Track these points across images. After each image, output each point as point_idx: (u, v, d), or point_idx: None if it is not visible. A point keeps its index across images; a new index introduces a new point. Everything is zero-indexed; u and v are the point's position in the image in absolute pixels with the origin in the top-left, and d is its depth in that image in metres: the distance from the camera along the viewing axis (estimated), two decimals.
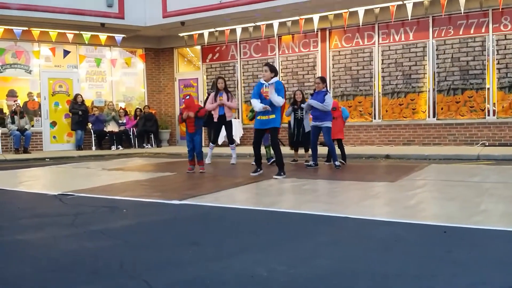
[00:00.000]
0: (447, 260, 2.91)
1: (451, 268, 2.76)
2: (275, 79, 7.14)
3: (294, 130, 9.03)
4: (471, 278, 2.61)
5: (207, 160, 9.22)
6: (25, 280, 2.79)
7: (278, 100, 6.99)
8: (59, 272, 2.91)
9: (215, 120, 9.14)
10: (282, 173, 7.00)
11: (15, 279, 2.82)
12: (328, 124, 8.14)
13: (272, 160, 8.93)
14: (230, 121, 9.28)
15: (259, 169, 7.36)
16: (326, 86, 8.36)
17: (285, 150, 8.49)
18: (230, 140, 9.46)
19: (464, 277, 2.63)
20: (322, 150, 8.73)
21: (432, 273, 2.68)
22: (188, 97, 8.17)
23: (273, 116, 7.07)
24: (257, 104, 7.09)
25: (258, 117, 7.22)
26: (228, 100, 9.09)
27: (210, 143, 9.58)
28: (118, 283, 2.67)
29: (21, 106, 13.04)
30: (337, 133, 8.68)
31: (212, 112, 9.14)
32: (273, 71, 7.18)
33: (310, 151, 8.68)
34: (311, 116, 8.49)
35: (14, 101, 13.02)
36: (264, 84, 7.15)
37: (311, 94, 8.54)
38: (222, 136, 10.11)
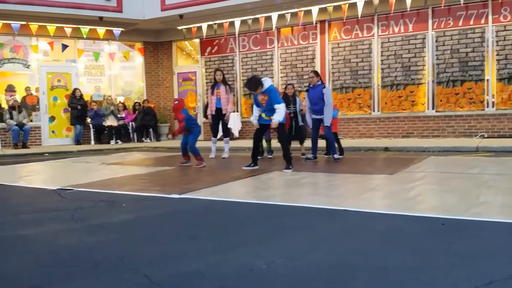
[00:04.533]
0: (446, 252, 2.91)
1: (450, 260, 2.76)
2: (266, 85, 7.12)
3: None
4: (470, 269, 2.62)
5: (211, 155, 9.18)
6: (25, 275, 2.79)
7: (280, 115, 7.03)
8: (59, 267, 2.91)
9: (213, 113, 9.09)
10: (290, 167, 7.02)
11: (16, 273, 2.83)
12: None
13: (271, 155, 8.98)
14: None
15: (253, 164, 7.31)
16: (320, 79, 8.29)
17: (276, 144, 8.44)
18: (224, 134, 9.38)
19: (464, 268, 2.64)
20: (320, 143, 8.71)
21: (431, 264, 2.69)
22: (176, 102, 8.17)
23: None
24: (252, 116, 7.59)
25: (262, 115, 7.36)
26: (225, 93, 9.03)
27: (212, 138, 9.50)
28: (119, 277, 2.67)
29: (19, 101, 13.02)
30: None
31: (208, 105, 9.14)
32: (257, 84, 7.12)
33: (304, 144, 8.64)
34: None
35: (11, 96, 12.99)
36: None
37: (307, 90, 8.45)
38: (221, 130, 10.04)
